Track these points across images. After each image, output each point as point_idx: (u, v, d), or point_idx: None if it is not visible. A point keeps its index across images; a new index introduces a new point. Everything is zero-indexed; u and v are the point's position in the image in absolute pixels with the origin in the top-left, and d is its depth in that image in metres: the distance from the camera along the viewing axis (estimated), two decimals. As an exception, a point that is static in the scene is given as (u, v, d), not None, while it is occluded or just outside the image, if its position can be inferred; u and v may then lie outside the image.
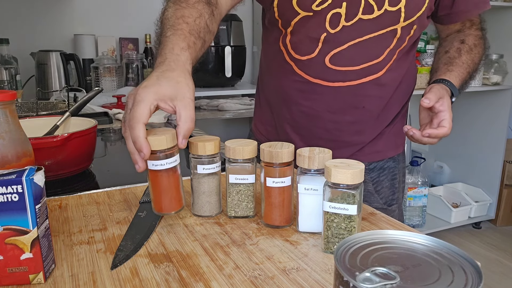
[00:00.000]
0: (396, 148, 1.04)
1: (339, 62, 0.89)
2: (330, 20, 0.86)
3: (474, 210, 2.80)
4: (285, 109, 0.99)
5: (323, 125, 0.95)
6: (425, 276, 0.38)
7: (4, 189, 0.50)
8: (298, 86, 0.94)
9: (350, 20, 0.86)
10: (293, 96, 0.96)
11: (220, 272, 0.55)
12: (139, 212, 0.72)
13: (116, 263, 0.56)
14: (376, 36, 0.87)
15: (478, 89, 2.64)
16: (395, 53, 0.91)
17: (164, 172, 0.65)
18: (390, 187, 1.04)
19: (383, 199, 1.03)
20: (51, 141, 0.88)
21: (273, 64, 1.00)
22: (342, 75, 0.90)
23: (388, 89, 0.94)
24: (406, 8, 0.85)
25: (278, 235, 0.66)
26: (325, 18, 0.87)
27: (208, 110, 2.09)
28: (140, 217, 0.70)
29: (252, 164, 0.70)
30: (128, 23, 2.31)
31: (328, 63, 0.89)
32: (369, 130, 0.97)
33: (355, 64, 0.89)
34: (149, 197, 0.75)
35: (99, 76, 2.05)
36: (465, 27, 1.00)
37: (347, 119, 0.94)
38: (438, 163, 3.14)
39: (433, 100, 0.84)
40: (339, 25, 0.87)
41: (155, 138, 0.63)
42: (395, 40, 0.89)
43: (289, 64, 0.94)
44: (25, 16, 2.12)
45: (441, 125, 0.85)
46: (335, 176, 0.56)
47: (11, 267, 0.51)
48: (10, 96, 0.61)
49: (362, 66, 0.89)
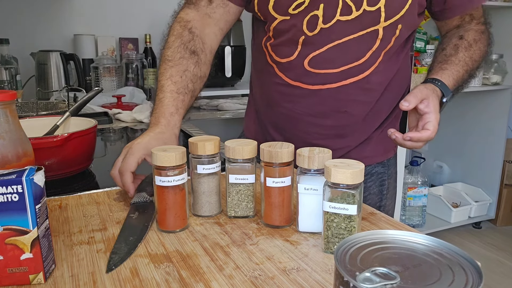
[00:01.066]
0: (385, 153, 1.01)
1: (318, 65, 0.87)
2: (308, 23, 0.85)
3: (474, 210, 2.80)
4: (269, 111, 0.99)
5: (304, 128, 0.94)
6: (426, 276, 0.38)
7: (4, 189, 0.50)
8: (279, 88, 0.93)
9: (328, 22, 0.84)
10: (275, 98, 0.95)
11: (220, 272, 0.55)
12: (131, 214, 0.71)
13: (111, 266, 0.56)
14: (356, 38, 0.85)
15: (478, 89, 2.64)
16: (380, 55, 0.87)
17: (170, 189, 0.65)
18: (378, 194, 1.01)
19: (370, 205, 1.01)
20: (51, 141, 0.88)
21: (258, 65, 1.00)
22: (321, 78, 0.88)
23: (374, 93, 0.91)
24: (386, 8, 0.82)
25: (278, 235, 0.66)
26: (303, 21, 0.85)
27: (208, 110, 2.09)
28: (132, 218, 0.70)
29: (252, 164, 0.70)
30: (128, 23, 2.31)
31: (307, 66, 0.88)
32: (355, 135, 0.94)
33: (334, 67, 0.87)
34: (140, 197, 0.75)
35: (99, 76, 2.05)
36: (464, 22, 0.96)
37: (328, 123, 0.92)
38: (438, 163, 3.14)
39: (412, 102, 0.79)
40: (317, 28, 0.85)
41: (164, 154, 0.63)
42: (378, 41, 0.86)
43: (271, 66, 0.94)
44: (25, 16, 2.12)
45: (425, 127, 0.80)
46: (335, 176, 0.56)
47: (11, 267, 0.51)
48: (10, 96, 0.61)
49: (342, 68, 0.87)
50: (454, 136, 3.03)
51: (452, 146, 3.05)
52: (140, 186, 0.78)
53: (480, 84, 2.63)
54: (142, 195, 0.75)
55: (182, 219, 0.67)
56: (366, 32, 0.85)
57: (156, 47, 2.32)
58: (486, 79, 2.67)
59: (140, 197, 0.75)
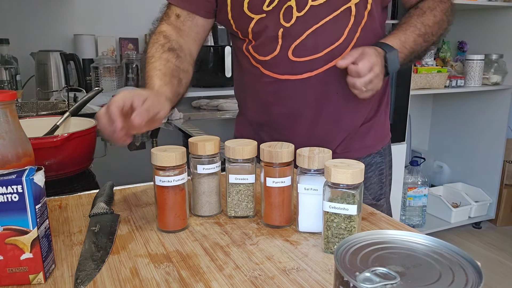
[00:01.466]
0: (383, 139, 1.04)
1: (302, 53, 0.89)
2: (284, 15, 0.87)
3: (474, 210, 2.80)
4: (264, 114, 0.99)
5: (305, 120, 0.94)
6: (426, 276, 0.38)
7: (4, 189, 0.50)
8: (269, 87, 0.94)
9: (302, 10, 0.86)
10: (268, 98, 0.95)
11: (220, 272, 0.55)
12: (92, 227, 0.67)
13: (78, 285, 0.52)
14: (331, 19, 0.87)
15: (477, 89, 2.64)
16: (357, 31, 0.89)
17: (170, 189, 0.65)
18: (378, 182, 1.04)
19: (371, 194, 1.03)
20: (51, 141, 0.88)
21: (244, 72, 1.00)
22: (309, 65, 0.89)
23: None
24: None
25: (278, 235, 0.66)
26: (279, 15, 0.88)
27: (208, 110, 2.09)
28: (94, 232, 0.65)
29: (252, 164, 0.70)
30: (128, 23, 2.31)
31: (292, 56, 0.89)
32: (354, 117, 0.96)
33: (318, 51, 0.88)
34: (99, 209, 0.72)
35: (99, 76, 2.05)
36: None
37: (325, 110, 0.93)
38: (438, 163, 3.14)
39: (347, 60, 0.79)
40: (292, 17, 0.87)
41: (165, 154, 0.64)
42: (352, 18, 0.88)
43: (257, 68, 0.94)
44: (25, 16, 2.12)
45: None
46: (335, 176, 0.56)
47: (11, 267, 0.51)
48: (10, 96, 0.61)
49: (325, 51, 0.88)
50: (454, 136, 3.03)
51: (452, 146, 3.05)
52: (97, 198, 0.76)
53: (480, 84, 2.63)
54: (101, 206, 0.72)
55: (182, 219, 0.67)
56: (340, 12, 0.87)
57: (156, 47, 2.32)
58: (486, 79, 2.67)
59: (99, 208, 0.72)
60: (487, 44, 2.77)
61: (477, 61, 2.59)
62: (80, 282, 0.52)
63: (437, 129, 3.15)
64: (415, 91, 2.47)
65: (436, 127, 3.16)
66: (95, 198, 0.76)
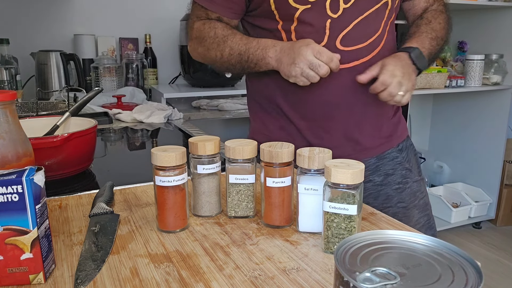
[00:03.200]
0: (406, 128, 1.13)
1: (349, 43, 0.92)
2: (330, 7, 0.90)
3: (474, 210, 2.80)
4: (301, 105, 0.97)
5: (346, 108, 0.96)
6: (426, 276, 0.38)
7: (4, 189, 0.50)
8: None
9: (348, 2, 0.90)
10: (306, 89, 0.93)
11: (220, 272, 0.55)
12: (92, 227, 0.67)
13: (78, 285, 0.52)
14: (373, 11, 0.92)
15: (478, 89, 2.64)
16: (388, 25, 0.96)
17: (171, 189, 0.65)
18: (417, 161, 1.12)
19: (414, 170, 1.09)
20: (51, 141, 0.88)
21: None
22: (355, 54, 0.93)
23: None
24: None
25: (278, 235, 0.66)
26: (325, 6, 0.90)
27: (208, 110, 2.09)
28: (94, 232, 0.65)
29: (252, 164, 0.70)
30: (128, 23, 2.31)
31: (340, 45, 0.92)
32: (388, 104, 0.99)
33: (362, 41, 0.93)
34: (99, 209, 0.72)
35: (99, 76, 2.05)
36: (428, 4, 1.05)
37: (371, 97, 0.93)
38: (438, 163, 3.14)
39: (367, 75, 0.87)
40: (339, 9, 0.90)
41: (165, 154, 0.64)
42: (387, 12, 0.95)
43: None
44: (25, 16, 2.12)
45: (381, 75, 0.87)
46: (335, 176, 0.56)
47: (11, 267, 0.51)
48: (10, 96, 0.61)
49: (368, 41, 0.93)
50: (454, 136, 3.03)
51: (452, 146, 3.05)
52: (97, 198, 0.75)
53: (480, 84, 2.63)
54: (101, 206, 0.72)
55: (182, 219, 0.67)
56: (380, 5, 0.93)
57: (156, 47, 2.32)
58: (486, 79, 2.67)
59: (99, 208, 0.72)
60: (487, 44, 2.77)
61: (477, 61, 2.59)
62: (80, 282, 0.52)
63: (437, 129, 3.15)
64: (415, 91, 2.46)
65: (436, 127, 3.16)
66: (95, 198, 0.76)
